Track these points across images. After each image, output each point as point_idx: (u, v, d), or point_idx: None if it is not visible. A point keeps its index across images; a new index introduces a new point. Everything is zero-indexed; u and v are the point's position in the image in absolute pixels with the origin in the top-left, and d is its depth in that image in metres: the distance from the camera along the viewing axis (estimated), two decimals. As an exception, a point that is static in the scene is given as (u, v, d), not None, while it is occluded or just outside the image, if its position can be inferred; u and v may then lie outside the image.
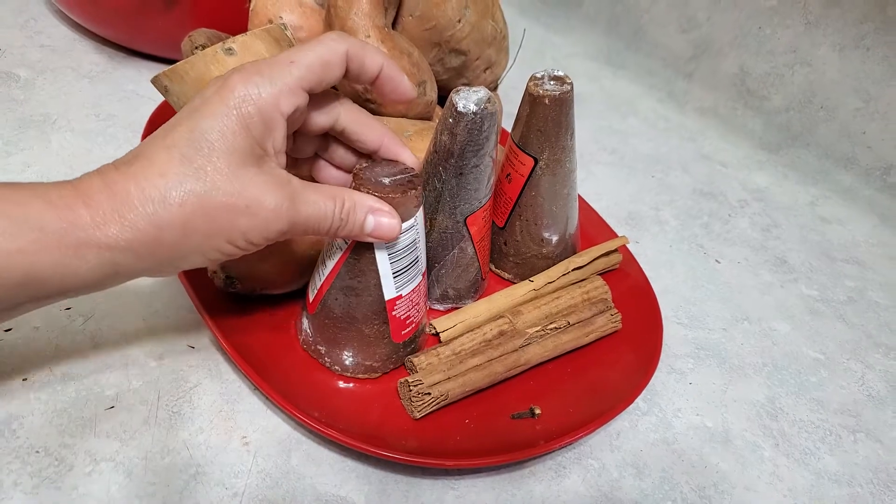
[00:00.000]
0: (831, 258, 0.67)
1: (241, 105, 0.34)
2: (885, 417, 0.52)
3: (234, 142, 0.34)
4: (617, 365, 0.49)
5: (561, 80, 0.48)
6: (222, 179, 0.33)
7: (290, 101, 0.35)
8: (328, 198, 0.37)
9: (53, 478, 0.37)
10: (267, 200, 0.35)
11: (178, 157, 0.33)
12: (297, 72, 0.35)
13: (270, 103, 0.34)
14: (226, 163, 0.34)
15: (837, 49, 0.75)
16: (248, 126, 0.34)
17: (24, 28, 0.75)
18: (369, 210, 0.39)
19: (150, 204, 0.33)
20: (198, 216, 0.34)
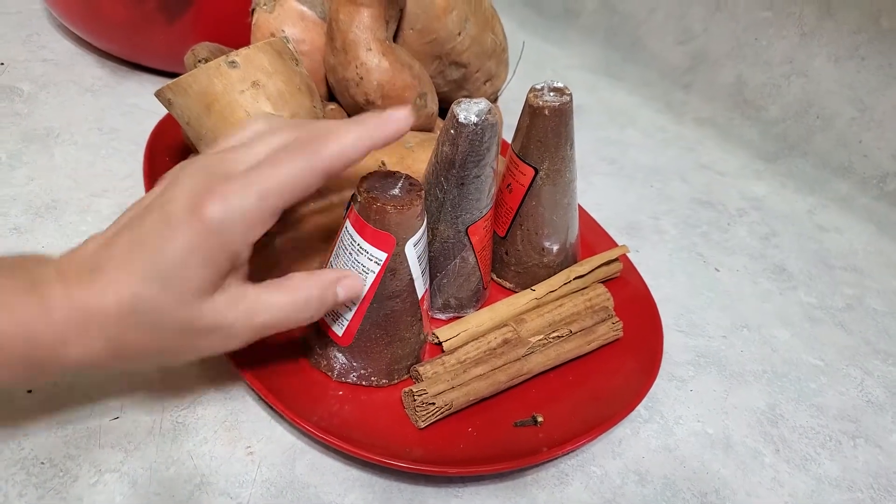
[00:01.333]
0: (829, 266, 0.68)
1: (210, 237, 0.33)
2: (885, 423, 0.52)
3: (195, 272, 0.34)
4: (618, 373, 0.49)
5: (560, 91, 0.49)
6: (180, 308, 0.34)
7: (259, 230, 0.35)
8: (288, 295, 0.37)
9: (58, 489, 0.37)
10: (222, 323, 0.35)
11: (138, 282, 0.33)
12: (272, 202, 0.35)
13: (239, 236, 0.34)
14: (185, 291, 0.34)
15: (833, 59, 0.76)
16: (212, 257, 0.34)
17: (27, 43, 0.76)
18: (334, 284, 0.39)
19: (109, 328, 0.33)
20: (155, 341, 0.34)
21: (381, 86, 0.52)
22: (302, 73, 0.50)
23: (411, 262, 0.42)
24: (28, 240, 0.52)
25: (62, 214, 0.55)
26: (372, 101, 0.53)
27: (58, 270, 0.34)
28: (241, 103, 0.46)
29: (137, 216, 0.35)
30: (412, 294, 0.43)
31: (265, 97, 0.47)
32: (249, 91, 0.46)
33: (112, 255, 0.34)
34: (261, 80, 0.47)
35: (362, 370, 0.44)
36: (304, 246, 0.46)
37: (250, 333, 0.37)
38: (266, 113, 0.43)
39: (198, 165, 0.36)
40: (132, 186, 0.59)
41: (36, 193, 0.56)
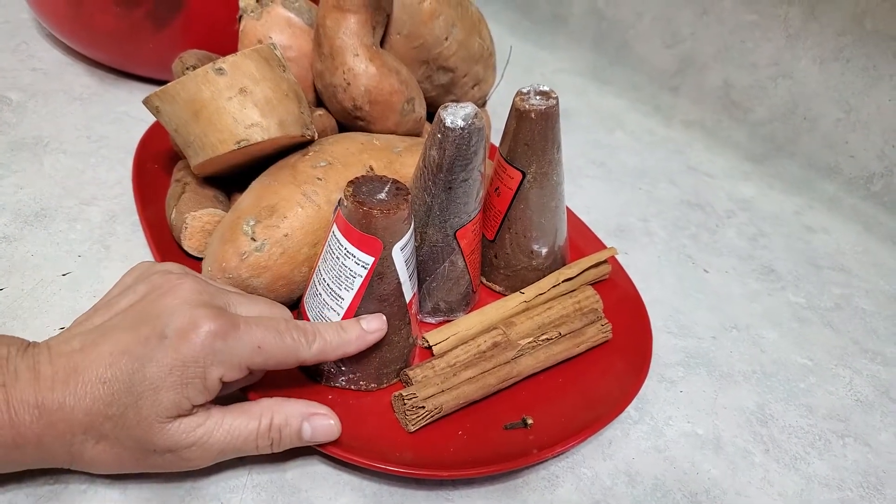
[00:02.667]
0: (817, 266, 0.68)
1: (192, 366, 0.35)
2: (873, 421, 0.52)
3: (168, 395, 0.34)
4: (608, 374, 0.49)
5: (546, 94, 0.49)
6: (144, 427, 0.35)
7: (233, 375, 0.36)
8: (250, 419, 0.38)
9: (49, 496, 0.37)
10: (180, 445, 0.36)
11: (109, 396, 0.34)
12: (257, 358, 0.37)
13: (217, 374, 0.35)
14: (153, 411, 0.34)
15: (818, 61, 0.76)
16: (189, 385, 0.35)
17: (16, 52, 0.76)
18: (303, 417, 0.39)
19: (72, 439, 0.34)
20: (113, 454, 0.35)
21: (369, 91, 0.52)
22: (289, 80, 0.50)
23: (398, 266, 0.42)
24: (17, 248, 0.52)
25: (51, 223, 0.55)
26: (359, 107, 0.53)
27: (32, 368, 0.34)
28: (228, 110, 0.47)
29: (128, 323, 0.36)
30: (400, 298, 0.43)
31: (252, 104, 0.47)
32: (237, 98, 0.47)
33: (91, 362, 0.34)
34: (248, 87, 0.47)
35: (351, 374, 0.44)
36: (293, 251, 0.46)
37: (208, 457, 0.37)
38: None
39: (194, 286, 0.37)
40: (121, 194, 0.59)
41: (25, 202, 0.56)
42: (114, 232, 0.55)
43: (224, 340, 0.35)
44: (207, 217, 0.50)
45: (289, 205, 0.46)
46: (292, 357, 0.38)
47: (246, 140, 0.47)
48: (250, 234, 0.45)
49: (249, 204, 0.47)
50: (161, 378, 0.34)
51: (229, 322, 0.36)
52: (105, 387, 0.34)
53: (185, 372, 0.34)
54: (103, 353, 0.34)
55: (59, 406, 0.33)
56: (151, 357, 0.34)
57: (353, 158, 0.50)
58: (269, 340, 0.37)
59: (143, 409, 0.34)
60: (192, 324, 0.35)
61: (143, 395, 0.34)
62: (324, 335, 0.40)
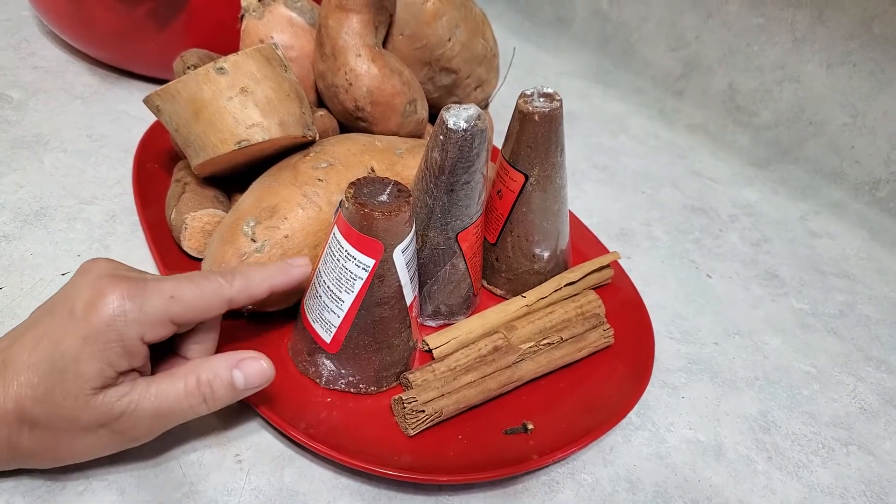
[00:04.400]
0: (821, 272, 0.68)
1: (105, 331, 0.34)
2: (877, 430, 0.52)
3: (88, 365, 0.34)
4: (609, 380, 0.49)
5: (550, 97, 0.49)
6: (71, 402, 0.34)
7: (155, 332, 0.36)
8: (179, 381, 0.37)
9: (46, 497, 0.37)
10: (110, 415, 0.35)
11: (35, 378, 0.34)
12: (173, 308, 0.36)
13: (135, 334, 0.35)
14: (78, 385, 0.34)
15: (825, 65, 0.76)
16: (105, 351, 0.34)
17: (17, 49, 0.75)
18: (231, 366, 0.38)
19: (6, 431, 0.34)
20: (48, 441, 0.35)
21: (371, 92, 0.52)
22: (291, 80, 0.49)
23: (399, 268, 0.41)
24: (17, 247, 0.52)
25: (51, 221, 0.55)
26: (361, 108, 0.53)
27: None
28: (229, 110, 0.46)
29: (45, 310, 0.36)
30: (400, 301, 0.43)
31: (253, 103, 0.47)
32: (238, 97, 0.46)
33: (16, 353, 0.35)
34: (249, 87, 0.47)
35: (351, 377, 0.44)
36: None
37: (142, 427, 0.36)
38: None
39: (107, 265, 0.37)
40: (121, 193, 0.59)
41: (25, 200, 0.56)
42: (113, 231, 0.55)
43: (132, 300, 0.35)
44: (207, 217, 0.50)
45: (289, 206, 0.46)
46: (215, 299, 0.38)
47: (247, 140, 0.46)
48: (250, 234, 0.45)
49: (250, 205, 0.47)
50: (78, 349, 0.34)
51: (134, 283, 0.36)
52: (30, 371, 0.34)
53: (99, 338, 0.34)
54: (26, 342, 0.35)
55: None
56: (66, 332, 0.34)
57: (354, 160, 0.50)
58: (181, 288, 0.37)
59: (67, 384, 0.34)
60: (97, 292, 0.35)
61: (66, 370, 0.34)
62: (245, 272, 0.40)
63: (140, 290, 0.36)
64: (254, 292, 0.40)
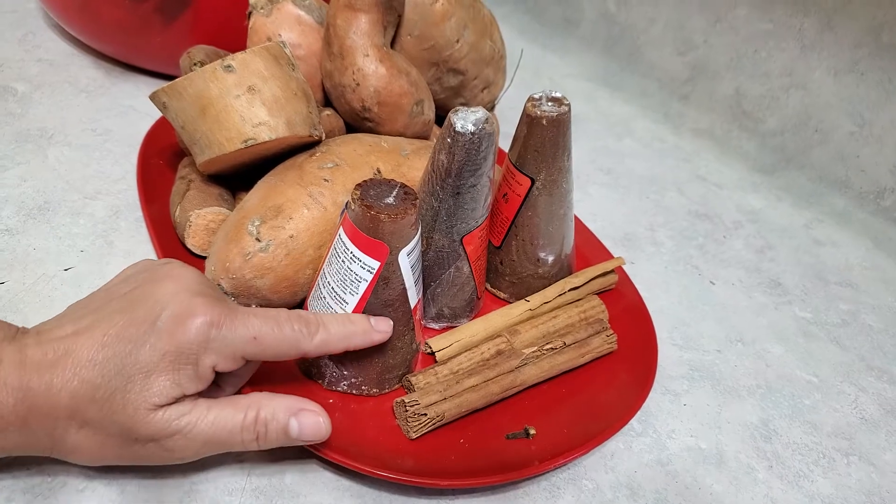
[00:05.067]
0: (825, 281, 0.68)
1: (185, 352, 0.34)
2: (879, 441, 0.52)
3: (158, 382, 0.34)
4: (612, 386, 0.49)
5: (559, 101, 0.49)
6: (130, 413, 0.34)
7: (227, 364, 0.36)
8: (236, 411, 0.36)
9: (46, 495, 0.37)
10: (163, 433, 0.35)
11: (98, 378, 0.33)
12: (252, 348, 0.36)
13: (210, 362, 0.35)
14: (142, 398, 0.34)
15: (832, 73, 0.76)
16: (179, 371, 0.34)
17: (23, 42, 0.75)
18: (291, 413, 0.37)
19: (56, 426, 0.34)
20: (96, 443, 0.35)
21: (378, 92, 0.52)
22: (298, 79, 0.49)
23: (404, 271, 0.41)
24: (20, 241, 0.52)
25: (54, 216, 0.54)
26: (368, 108, 0.53)
27: (19, 351, 0.33)
28: (236, 108, 0.46)
29: (122, 307, 0.35)
30: (405, 303, 0.43)
31: (260, 102, 0.47)
32: (245, 96, 0.46)
33: (83, 345, 0.34)
34: (256, 85, 0.47)
35: (353, 379, 0.44)
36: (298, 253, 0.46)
37: (191, 448, 0.36)
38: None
39: (195, 277, 0.37)
40: (125, 189, 0.58)
41: (28, 194, 0.56)
42: (117, 227, 0.55)
43: (219, 329, 0.35)
44: (212, 215, 0.50)
45: (295, 206, 0.46)
46: (292, 349, 0.38)
47: (253, 139, 0.46)
48: (255, 234, 0.45)
49: (255, 203, 0.46)
50: (153, 363, 0.33)
51: (226, 311, 0.35)
52: (95, 369, 0.33)
53: (177, 358, 0.34)
54: (96, 336, 0.34)
55: (46, 388, 0.33)
56: (145, 341, 0.34)
57: (360, 160, 0.49)
58: (265, 331, 0.36)
59: (130, 394, 0.33)
60: (188, 310, 0.34)
61: (133, 378, 0.33)
62: (328, 326, 0.39)
63: (229, 321, 0.35)
64: (330, 349, 0.39)
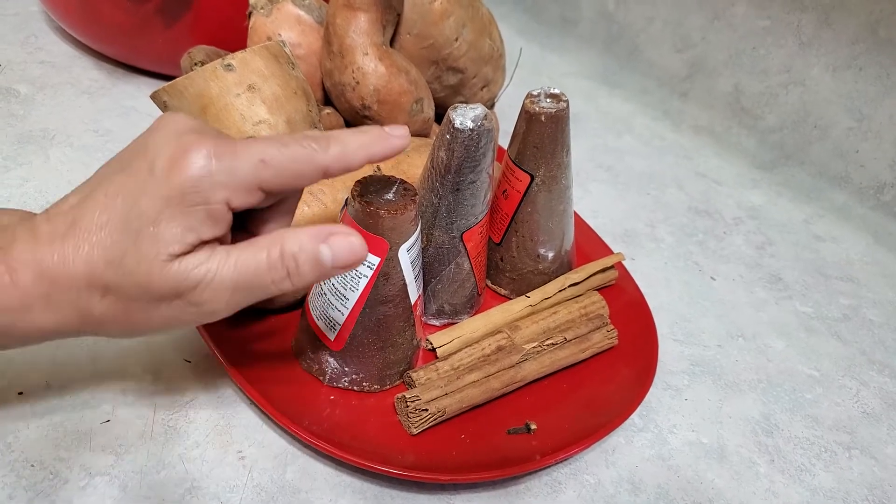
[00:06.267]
0: (826, 276, 0.68)
1: (190, 192, 0.31)
2: (880, 434, 0.52)
3: (168, 228, 0.31)
4: (612, 381, 0.49)
5: (557, 97, 0.49)
6: (147, 267, 0.31)
7: (242, 198, 0.33)
8: (258, 250, 0.33)
9: (48, 492, 0.37)
10: (187, 284, 0.32)
11: (107, 240, 0.31)
12: (263, 172, 0.33)
13: (221, 198, 0.32)
14: (155, 248, 0.31)
15: (830, 69, 0.76)
16: (188, 215, 0.31)
17: (25, 44, 0.76)
18: (318, 240, 0.34)
19: (77, 296, 0.32)
20: (122, 308, 0.33)
21: (378, 90, 0.52)
22: (298, 77, 0.49)
23: (404, 267, 0.41)
24: (21, 241, 0.52)
25: (56, 216, 0.55)
26: (368, 106, 0.53)
27: (31, 230, 0.32)
28: (236, 106, 0.46)
29: (119, 165, 0.33)
30: (405, 299, 0.43)
31: (261, 101, 0.47)
32: (245, 94, 0.46)
33: (87, 211, 0.32)
34: (256, 84, 0.47)
35: (354, 375, 0.44)
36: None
37: (219, 299, 0.33)
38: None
39: (188, 120, 0.34)
40: (127, 189, 0.59)
41: (30, 195, 0.56)
42: (119, 227, 0.55)
43: (219, 160, 0.32)
44: (213, 214, 0.50)
45: (295, 203, 0.46)
46: (308, 166, 0.34)
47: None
48: (255, 231, 0.45)
49: (255, 201, 0.46)
50: (158, 211, 0.31)
51: (223, 142, 0.32)
52: (102, 231, 0.31)
53: (183, 200, 0.31)
54: (98, 199, 0.32)
55: (60, 259, 0.31)
56: (144, 190, 0.31)
57: (360, 158, 0.50)
58: (272, 152, 0.33)
59: (142, 248, 0.31)
60: (181, 149, 0.31)
61: (142, 232, 0.31)
62: (341, 138, 0.35)
63: (229, 150, 0.32)
64: (350, 161, 0.35)
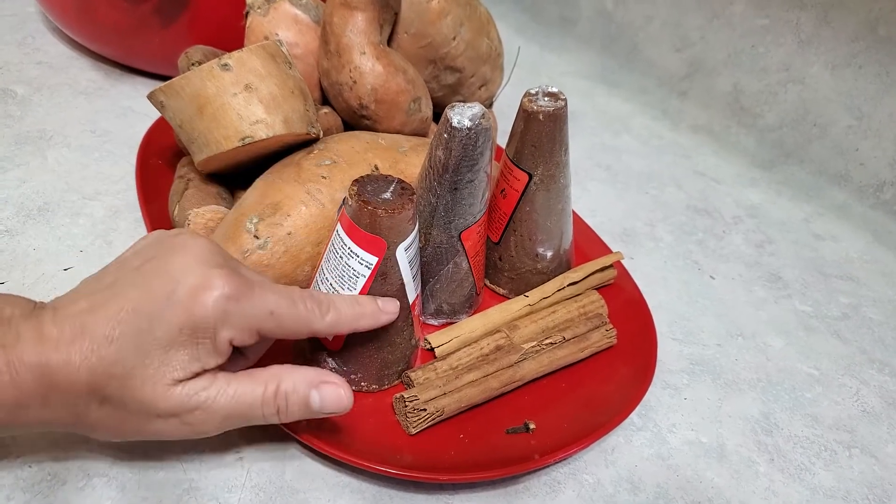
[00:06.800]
0: (825, 274, 0.68)
1: (203, 326, 0.33)
2: (880, 433, 0.52)
3: (177, 356, 0.33)
4: (611, 380, 0.49)
5: (555, 96, 0.49)
6: (149, 388, 0.33)
7: (243, 339, 0.35)
8: (256, 384, 0.36)
9: (46, 493, 0.37)
10: (184, 408, 0.34)
11: (115, 355, 0.33)
12: (268, 324, 0.36)
13: (227, 336, 0.34)
14: (161, 372, 0.33)
15: (830, 67, 0.76)
16: (198, 346, 0.34)
17: (22, 45, 0.75)
18: (312, 385, 0.37)
19: (76, 402, 0.33)
20: (117, 419, 0.34)
21: (375, 90, 0.52)
22: (295, 77, 0.49)
23: (402, 266, 0.41)
24: (19, 242, 0.52)
25: (54, 217, 0.55)
26: (365, 105, 0.53)
27: (36, 328, 0.33)
28: (233, 106, 0.46)
29: (136, 279, 0.34)
30: (403, 299, 0.43)
31: (258, 100, 0.47)
32: (242, 94, 0.46)
33: (98, 322, 0.33)
34: (253, 83, 0.47)
35: (352, 375, 0.44)
36: (296, 250, 0.46)
37: (212, 422, 0.35)
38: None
39: (208, 247, 0.36)
40: (124, 189, 0.59)
41: (28, 196, 0.56)
42: (116, 227, 0.55)
43: (237, 302, 0.34)
44: (210, 214, 0.50)
45: (292, 203, 0.46)
46: (305, 327, 0.37)
47: (250, 137, 0.46)
48: (253, 231, 0.45)
49: (253, 201, 0.46)
50: (171, 337, 0.33)
51: (243, 284, 0.35)
52: (112, 346, 0.32)
53: (194, 332, 0.33)
54: (111, 312, 0.33)
55: (65, 365, 0.32)
56: (161, 316, 0.33)
57: (357, 157, 0.49)
58: (282, 307, 0.36)
59: (149, 370, 0.33)
60: (204, 283, 0.34)
61: (151, 354, 0.33)
62: (338, 307, 0.38)
63: (246, 295, 0.34)
64: (339, 330, 0.39)
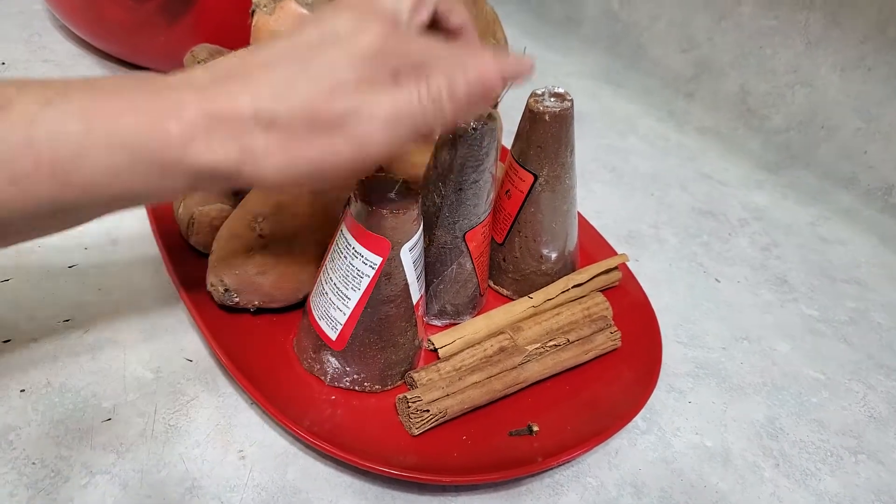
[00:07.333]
0: (832, 278, 0.67)
1: (376, 55, 0.32)
2: (887, 439, 0.51)
3: (344, 72, 0.32)
4: (616, 383, 0.48)
5: (561, 96, 0.49)
6: (313, 95, 0.32)
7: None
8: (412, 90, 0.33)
9: (49, 489, 0.37)
10: (348, 107, 0.32)
11: (278, 75, 0.31)
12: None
13: (395, 63, 0.33)
14: (326, 83, 0.32)
15: (838, 69, 0.75)
16: (367, 67, 0.32)
17: (29, 43, 0.76)
18: (497, 71, 0.34)
19: (241, 130, 0.31)
20: (282, 143, 0.32)
21: (381, 89, 0.52)
22: (301, 76, 0.49)
23: (406, 267, 0.41)
24: (23, 239, 0.52)
25: (58, 214, 0.55)
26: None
27: (189, 78, 0.32)
28: (238, 105, 0.46)
29: (290, 36, 0.33)
30: (407, 299, 0.43)
31: (263, 99, 0.46)
32: (247, 92, 0.46)
33: (258, 61, 0.32)
34: (259, 82, 0.46)
35: (356, 375, 0.44)
36: (298, 251, 0.46)
37: (377, 131, 0.32)
38: None
39: (371, 49, 0.33)
40: (130, 187, 0.58)
41: (33, 193, 0.56)
42: (121, 225, 0.55)
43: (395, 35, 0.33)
44: (215, 212, 0.50)
45: (297, 202, 0.46)
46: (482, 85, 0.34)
47: None
48: (258, 230, 0.45)
49: (258, 200, 0.46)
50: (335, 62, 0.32)
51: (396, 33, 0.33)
52: (270, 67, 0.32)
53: (385, 23, 0.33)
54: (263, 49, 0.32)
55: (226, 97, 0.31)
56: (326, 51, 0.32)
57: (363, 157, 0.49)
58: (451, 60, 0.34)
59: (312, 72, 0.31)
60: (362, 25, 0.32)
61: (312, 60, 0.32)
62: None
63: (411, 41, 0.33)
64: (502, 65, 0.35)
